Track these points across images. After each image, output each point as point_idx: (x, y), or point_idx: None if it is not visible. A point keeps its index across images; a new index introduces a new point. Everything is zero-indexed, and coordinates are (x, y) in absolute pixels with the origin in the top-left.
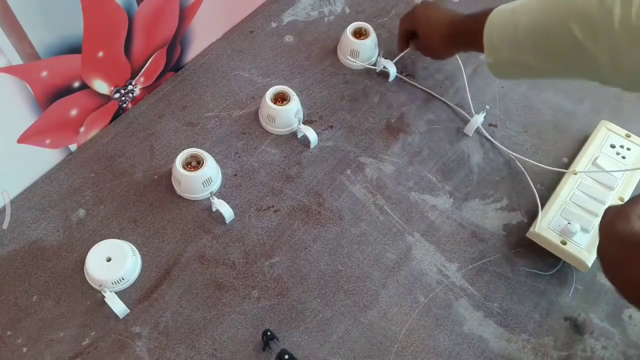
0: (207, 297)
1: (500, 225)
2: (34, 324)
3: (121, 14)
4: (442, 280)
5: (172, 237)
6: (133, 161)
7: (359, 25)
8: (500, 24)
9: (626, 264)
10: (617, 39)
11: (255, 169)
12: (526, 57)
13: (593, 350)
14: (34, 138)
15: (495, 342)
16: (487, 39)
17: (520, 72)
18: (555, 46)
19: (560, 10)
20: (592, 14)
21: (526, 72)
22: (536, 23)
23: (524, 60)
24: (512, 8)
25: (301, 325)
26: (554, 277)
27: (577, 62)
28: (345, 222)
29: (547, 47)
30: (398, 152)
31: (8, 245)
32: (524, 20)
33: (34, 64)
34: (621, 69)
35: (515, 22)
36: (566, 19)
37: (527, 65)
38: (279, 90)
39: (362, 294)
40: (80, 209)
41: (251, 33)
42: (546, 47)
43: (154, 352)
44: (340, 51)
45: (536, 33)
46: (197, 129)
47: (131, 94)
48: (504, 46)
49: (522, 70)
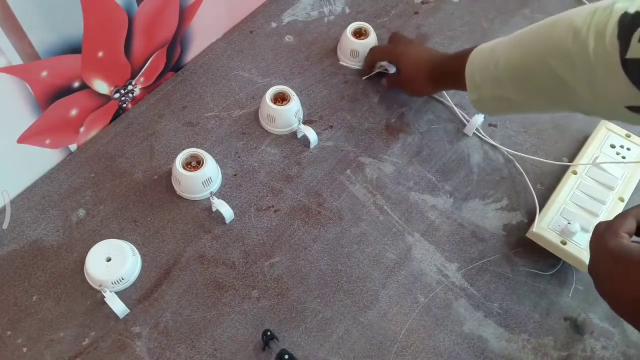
0: (207, 297)
1: (500, 225)
2: (34, 324)
3: (121, 14)
4: (442, 280)
5: (172, 237)
6: (133, 161)
7: (359, 25)
8: (481, 62)
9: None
10: (594, 70)
11: (255, 169)
12: (508, 92)
13: (593, 350)
14: (34, 138)
15: (495, 342)
16: (470, 77)
17: (504, 108)
18: (535, 81)
19: (537, 46)
20: (568, 48)
21: (510, 107)
22: (515, 60)
23: (506, 95)
24: (492, 46)
25: (301, 325)
26: (554, 277)
27: (558, 95)
28: (345, 222)
29: (528, 83)
30: (398, 152)
31: (8, 245)
32: (503, 57)
33: (34, 64)
34: (600, 99)
35: (495, 59)
36: (544, 54)
37: (510, 101)
38: (279, 90)
39: (362, 294)
40: (80, 209)
41: (251, 33)
42: (526, 83)
43: (154, 352)
44: (340, 51)
45: (516, 69)
46: (197, 129)
47: (131, 94)
48: (486, 83)
49: (506, 105)
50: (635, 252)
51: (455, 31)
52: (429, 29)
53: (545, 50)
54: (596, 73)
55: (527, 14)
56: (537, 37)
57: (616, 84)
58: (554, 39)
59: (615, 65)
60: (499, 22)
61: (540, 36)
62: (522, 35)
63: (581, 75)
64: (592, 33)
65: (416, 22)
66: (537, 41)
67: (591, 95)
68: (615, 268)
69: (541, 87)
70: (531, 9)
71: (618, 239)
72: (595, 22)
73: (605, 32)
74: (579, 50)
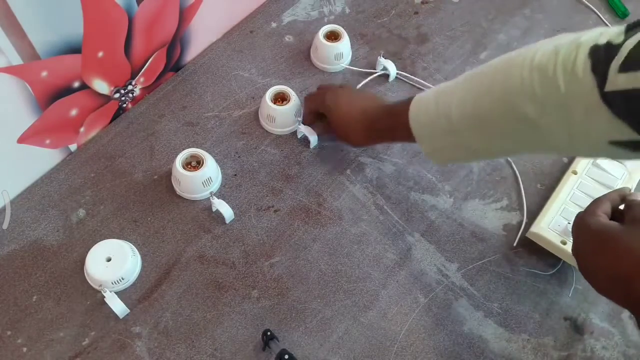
0: (207, 297)
1: (500, 225)
2: (34, 324)
3: (121, 14)
4: (442, 280)
5: (172, 237)
6: (133, 161)
7: (280, 89)
8: (427, 118)
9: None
10: (570, 111)
11: (255, 169)
12: (469, 141)
13: (593, 350)
14: (34, 138)
15: (495, 342)
16: (418, 131)
17: (465, 156)
18: (501, 127)
19: (497, 91)
20: (535, 91)
21: (476, 154)
22: (472, 109)
23: (468, 144)
24: (435, 99)
25: (301, 325)
26: (553, 277)
27: (530, 138)
28: (345, 222)
29: (492, 129)
30: (398, 152)
31: (8, 245)
32: (455, 108)
33: (34, 64)
34: (580, 138)
35: (446, 112)
36: (507, 97)
37: (471, 149)
38: (279, 90)
39: (362, 294)
40: (80, 209)
41: (251, 33)
42: (491, 130)
43: (154, 352)
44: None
45: (474, 118)
46: (197, 129)
47: (131, 94)
48: (438, 136)
49: (467, 153)
50: (612, 227)
51: (455, 31)
52: (429, 29)
53: (508, 93)
54: (572, 113)
55: (527, 13)
56: (494, 82)
57: (597, 120)
58: (516, 82)
59: (594, 101)
60: (499, 22)
61: (497, 80)
62: (472, 81)
63: (555, 117)
64: (560, 71)
65: (416, 22)
66: (496, 85)
67: (568, 136)
68: (595, 244)
69: (509, 131)
70: (531, 9)
71: (596, 218)
72: (562, 60)
73: (576, 68)
74: (548, 91)
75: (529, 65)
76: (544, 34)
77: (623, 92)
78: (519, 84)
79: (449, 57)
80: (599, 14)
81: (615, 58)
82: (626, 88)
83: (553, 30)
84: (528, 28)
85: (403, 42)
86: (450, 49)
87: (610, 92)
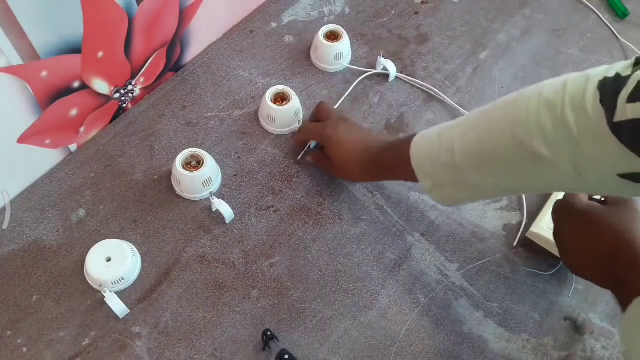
0: (207, 297)
1: (500, 225)
2: (34, 324)
3: (121, 14)
4: (442, 280)
5: (172, 237)
6: (133, 161)
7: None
8: (430, 152)
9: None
10: (579, 144)
11: (255, 169)
12: (471, 178)
13: (593, 350)
14: (34, 138)
15: (495, 342)
16: (419, 167)
17: (465, 193)
18: (508, 164)
19: (502, 126)
20: (543, 123)
21: (474, 191)
22: (479, 144)
23: (469, 180)
24: (438, 134)
25: (301, 325)
26: (553, 277)
27: (534, 174)
28: (345, 222)
29: (496, 166)
30: None
31: (8, 245)
32: (459, 145)
33: (34, 64)
34: (586, 172)
35: (449, 147)
36: (513, 132)
37: (472, 185)
38: (279, 90)
39: (362, 294)
40: (80, 209)
41: (251, 33)
42: (494, 166)
43: (154, 352)
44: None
45: (477, 154)
46: (197, 129)
47: (131, 94)
48: (439, 171)
49: (468, 190)
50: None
51: (455, 31)
52: (429, 29)
53: (514, 128)
54: (581, 146)
55: (527, 13)
56: (498, 118)
57: (606, 152)
58: (522, 116)
59: (603, 132)
60: (499, 22)
61: (502, 115)
62: (477, 117)
63: (562, 150)
64: (568, 105)
65: (416, 22)
66: (501, 121)
67: (574, 171)
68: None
69: (515, 167)
70: (531, 9)
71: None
72: (570, 93)
73: (585, 101)
74: (557, 124)
75: (536, 100)
76: (544, 34)
77: (632, 121)
78: (527, 119)
79: (449, 57)
80: (599, 14)
81: (624, 88)
82: (635, 117)
83: (553, 30)
84: (528, 28)
85: (403, 42)
86: (450, 49)
87: (619, 122)
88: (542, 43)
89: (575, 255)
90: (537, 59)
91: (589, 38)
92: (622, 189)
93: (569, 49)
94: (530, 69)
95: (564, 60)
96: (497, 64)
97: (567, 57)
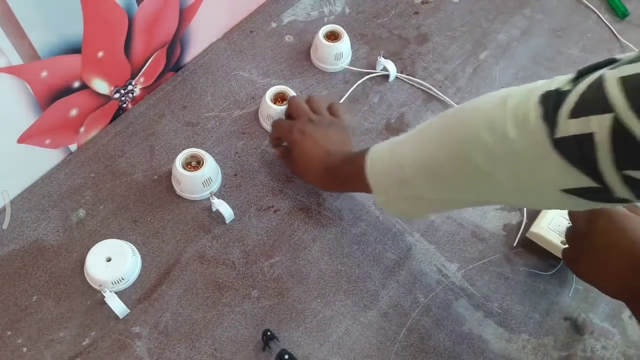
0: (207, 297)
1: (500, 225)
2: (34, 324)
3: (121, 14)
4: (442, 280)
5: (172, 237)
6: (133, 161)
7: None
8: (383, 166)
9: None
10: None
11: (255, 169)
12: (422, 192)
13: (593, 350)
14: (34, 138)
15: (495, 342)
16: (373, 181)
17: (417, 208)
18: (453, 179)
19: (449, 139)
20: (485, 140)
21: (425, 206)
22: (425, 159)
23: (420, 194)
24: (389, 148)
25: (301, 325)
26: (553, 277)
27: (480, 188)
28: (345, 222)
29: (443, 180)
30: None
31: (8, 245)
32: (408, 159)
33: (34, 64)
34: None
35: (399, 161)
36: (460, 150)
37: (425, 200)
38: (279, 90)
39: (362, 294)
40: (80, 209)
41: (251, 33)
42: (442, 180)
43: (154, 352)
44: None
45: (425, 168)
46: (197, 129)
47: (131, 94)
48: (393, 187)
49: (420, 205)
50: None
51: (455, 31)
52: (429, 29)
53: (457, 143)
54: (522, 162)
55: (527, 13)
56: (444, 131)
57: (549, 168)
58: (468, 130)
59: (545, 148)
60: (499, 22)
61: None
62: (424, 132)
63: (504, 166)
64: (510, 120)
65: (416, 22)
66: (447, 134)
67: (516, 186)
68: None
69: (460, 183)
70: (531, 9)
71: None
72: (511, 109)
73: (527, 116)
74: (498, 141)
75: (481, 115)
76: (544, 34)
77: (575, 137)
78: (471, 134)
79: (449, 57)
80: (599, 14)
81: (565, 103)
82: (577, 133)
83: (553, 30)
84: (528, 28)
85: (403, 42)
86: (450, 49)
87: (561, 138)
88: (542, 43)
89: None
90: (537, 59)
91: (589, 38)
92: (565, 203)
93: (569, 49)
94: (530, 69)
95: (564, 60)
96: (497, 64)
97: (567, 57)
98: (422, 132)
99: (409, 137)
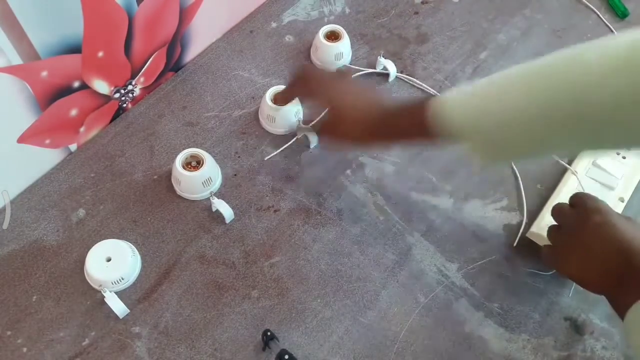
0: (207, 297)
1: (500, 225)
2: (34, 324)
3: (121, 14)
4: (442, 280)
5: (172, 237)
6: (133, 161)
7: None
8: (466, 110)
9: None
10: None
11: (255, 169)
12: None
13: (593, 350)
14: (34, 138)
15: (495, 342)
16: (458, 127)
17: (516, 151)
18: (569, 119)
19: (561, 85)
20: (608, 78)
21: (529, 149)
22: (538, 101)
23: (519, 139)
24: (471, 92)
25: (301, 325)
26: (554, 277)
27: (599, 133)
28: (345, 222)
29: (558, 120)
30: (398, 152)
31: (8, 245)
32: (512, 103)
33: (34, 64)
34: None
35: (497, 104)
36: (576, 91)
37: (528, 142)
38: (279, 90)
39: (362, 294)
40: (80, 209)
41: (251, 33)
42: (557, 120)
43: (154, 352)
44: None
45: (540, 110)
46: (197, 129)
47: (131, 94)
48: (482, 130)
49: (521, 148)
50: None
51: (455, 31)
52: (429, 29)
53: (575, 86)
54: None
55: (527, 13)
56: (559, 70)
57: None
58: (583, 71)
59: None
60: (499, 22)
61: (563, 67)
62: (527, 72)
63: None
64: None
65: (416, 22)
66: (559, 77)
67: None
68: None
69: (580, 125)
70: (531, 9)
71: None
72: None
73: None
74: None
75: (599, 55)
76: (544, 34)
77: None
78: (587, 75)
79: (449, 57)
80: (599, 14)
81: None
82: None
83: (553, 30)
84: (528, 28)
85: (403, 42)
86: (450, 49)
87: None
88: (542, 43)
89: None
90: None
91: (589, 38)
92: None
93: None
94: None
95: None
96: (497, 64)
97: None
98: (521, 73)
99: (498, 77)
